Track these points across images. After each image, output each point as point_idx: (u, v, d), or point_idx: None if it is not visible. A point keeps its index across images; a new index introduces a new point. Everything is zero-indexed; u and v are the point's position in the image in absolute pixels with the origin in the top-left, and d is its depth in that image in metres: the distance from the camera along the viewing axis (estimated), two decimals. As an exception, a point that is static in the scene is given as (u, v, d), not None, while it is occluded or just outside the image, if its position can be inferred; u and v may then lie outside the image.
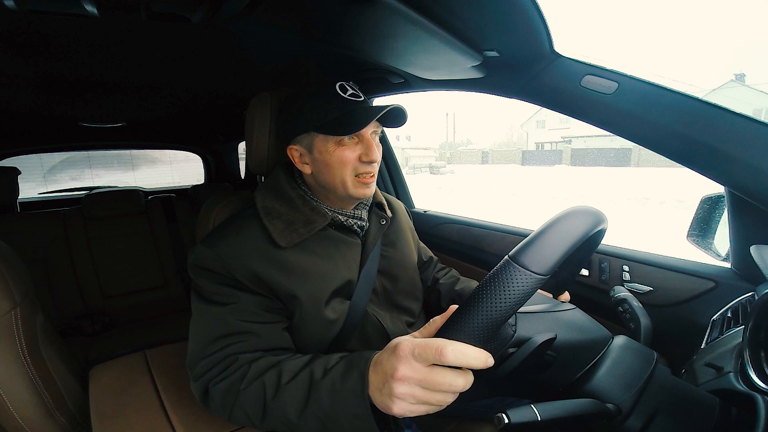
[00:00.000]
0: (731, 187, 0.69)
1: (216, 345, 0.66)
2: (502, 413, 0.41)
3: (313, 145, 0.72)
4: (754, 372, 0.46)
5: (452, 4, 0.62)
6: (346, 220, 0.78)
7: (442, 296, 1.00)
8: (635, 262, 0.93)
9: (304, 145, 0.73)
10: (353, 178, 0.72)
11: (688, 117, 0.67)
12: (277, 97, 0.83)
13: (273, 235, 0.70)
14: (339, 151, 0.70)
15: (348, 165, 0.71)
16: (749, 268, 0.76)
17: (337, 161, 0.70)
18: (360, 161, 0.71)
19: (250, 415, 0.60)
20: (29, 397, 0.80)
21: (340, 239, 0.78)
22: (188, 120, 1.92)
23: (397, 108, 0.70)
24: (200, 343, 0.67)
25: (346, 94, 0.70)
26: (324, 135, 0.70)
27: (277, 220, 0.72)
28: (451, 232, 1.45)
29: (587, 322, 0.55)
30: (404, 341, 0.46)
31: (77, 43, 0.82)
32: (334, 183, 0.72)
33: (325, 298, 0.73)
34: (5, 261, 0.80)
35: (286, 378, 0.58)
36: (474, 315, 0.41)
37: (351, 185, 0.72)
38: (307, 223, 0.73)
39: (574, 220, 0.46)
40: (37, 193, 2.41)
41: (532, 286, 0.40)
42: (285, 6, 0.62)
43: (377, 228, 0.84)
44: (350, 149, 0.71)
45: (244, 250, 0.69)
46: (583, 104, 0.77)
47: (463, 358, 0.41)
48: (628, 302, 0.67)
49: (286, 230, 0.71)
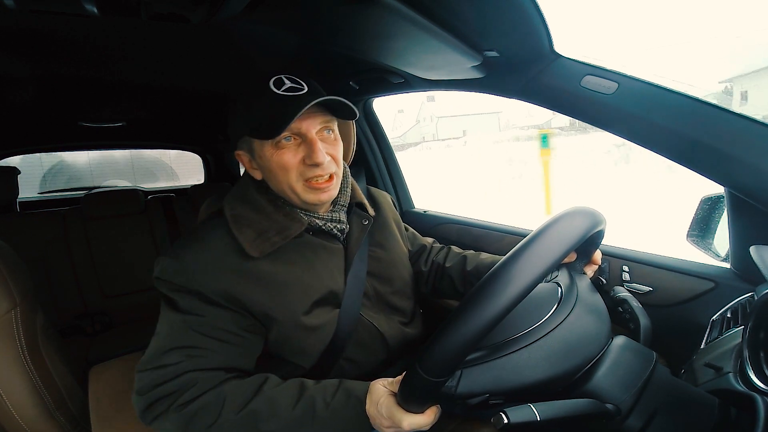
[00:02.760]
0: (731, 188, 0.69)
1: (169, 357, 0.60)
2: (502, 413, 0.41)
3: (253, 149, 0.66)
4: (754, 372, 0.46)
5: (452, 5, 0.62)
6: (324, 224, 0.72)
7: (456, 282, 0.94)
8: (635, 263, 0.93)
9: (247, 150, 0.68)
10: (302, 183, 0.65)
11: (688, 117, 0.67)
12: None
13: (243, 245, 0.64)
14: (277, 155, 0.63)
15: (291, 170, 0.64)
16: (749, 269, 0.76)
17: (278, 166, 0.64)
18: (304, 164, 0.64)
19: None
20: (29, 397, 0.80)
21: (320, 245, 0.72)
22: (188, 120, 1.92)
23: (336, 100, 0.63)
24: (154, 351, 0.61)
25: (280, 89, 0.62)
26: (259, 139, 0.64)
27: (247, 229, 0.65)
28: (450, 232, 1.45)
29: (542, 361, 0.50)
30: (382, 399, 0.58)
31: (77, 43, 0.82)
32: (283, 189, 0.67)
33: (303, 309, 0.68)
34: (5, 261, 0.80)
35: (282, 408, 0.59)
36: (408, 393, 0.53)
37: (301, 191, 0.66)
38: (281, 230, 0.67)
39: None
40: (37, 193, 2.41)
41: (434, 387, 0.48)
42: (285, 6, 0.62)
43: (360, 229, 0.78)
44: (291, 152, 0.63)
45: (213, 263, 0.63)
46: (583, 104, 0.77)
47: (416, 426, 0.55)
48: (628, 302, 0.67)
49: (257, 239, 0.65)
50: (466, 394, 0.50)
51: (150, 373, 0.60)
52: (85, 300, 1.80)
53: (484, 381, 0.50)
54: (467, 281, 0.93)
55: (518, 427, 0.41)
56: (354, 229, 0.78)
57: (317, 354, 0.72)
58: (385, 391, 0.59)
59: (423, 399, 0.53)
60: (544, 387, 0.49)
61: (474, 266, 0.93)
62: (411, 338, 0.85)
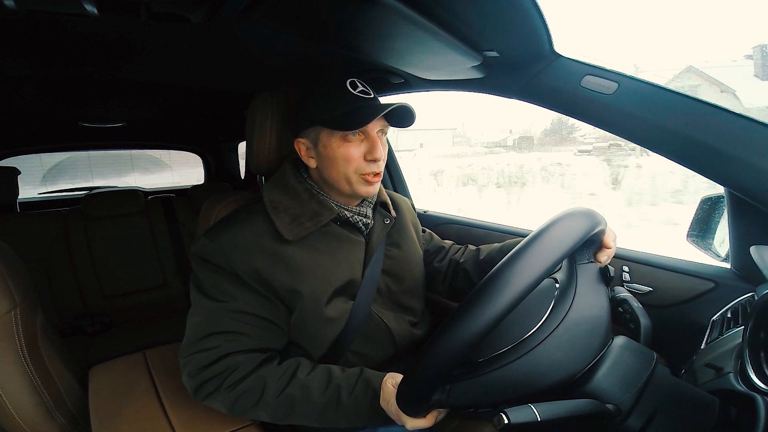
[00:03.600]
0: (731, 188, 0.69)
1: (209, 342, 0.68)
2: (502, 413, 0.41)
3: (319, 139, 0.72)
4: (754, 372, 0.46)
5: (452, 5, 0.62)
6: (352, 216, 0.78)
7: (471, 274, 0.96)
8: (635, 263, 0.93)
9: (311, 139, 0.74)
10: (357, 175, 0.72)
11: (688, 117, 0.67)
12: (277, 97, 0.83)
13: (279, 229, 0.70)
14: (344, 148, 0.70)
15: (352, 162, 0.71)
16: (749, 269, 0.75)
17: (342, 157, 0.71)
18: (364, 159, 0.71)
19: (272, 416, 0.68)
20: (29, 397, 0.80)
21: (344, 236, 0.78)
22: (188, 120, 1.92)
23: (404, 107, 0.71)
24: (194, 337, 0.69)
25: (355, 91, 0.71)
26: (330, 130, 0.70)
27: (283, 214, 0.72)
28: (450, 233, 1.45)
29: (532, 374, 0.49)
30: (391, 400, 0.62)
31: (77, 43, 0.82)
32: (337, 179, 0.73)
33: (326, 297, 0.73)
34: (5, 261, 0.80)
35: (314, 394, 0.67)
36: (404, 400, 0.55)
37: (355, 182, 0.72)
38: (312, 216, 0.73)
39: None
40: (37, 193, 2.41)
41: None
42: (285, 6, 0.62)
43: (381, 227, 0.83)
44: (355, 146, 0.71)
45: (248, 245, 0.69)
46: (583, 104, 0.77)
47: (418, 427, 0.61)
48: (628, 303, 0.67)
49: (292, 224, 0.71)
50: (457, 406, 0.52)
51: (194, 357, 0.68)
52: (85, 300, 1.79)
53: (473, 394, 0.52)
54: (482, 271, 0.94)
55: (519, 428, 0.41)
56: (376, 225, 0.83)
57: (328, 343, 0.75)
58: (392, 392, 0.63)
59: (417, 406, 0.54)
60: (534, 399, 0.48)
61: (487, 253, 0.94)
62: (418, 339, 0.88)
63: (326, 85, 0.72)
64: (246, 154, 0.88)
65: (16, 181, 1.89)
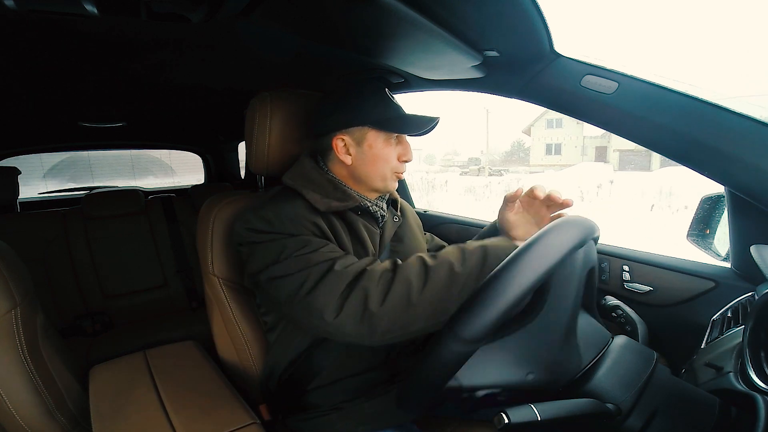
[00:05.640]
0: (731, 187, 0.69)
1: (324, 282, 0.64)
2: (502, 413, 0.41)
3: (365, 138, 0.78)
4: (754, 372, 0.46)
5: (452, 4, 0.62)
6: (372, 206, 0.83)
7: None
8: (635, 262, 0.93)
9: (354, 137, 0.78)
10: (392, 173, 0.80)
11: (688, 117, 0.67)
12: (277, 97, 0.83)
13: (313, 203, 0.75)
14: (388, 148, 0.78)
15: (390, 162, 0.79)
16: (749, 268, 0.76)
17: (384, 157, 0.78)
18: (399, 160, 0.80)
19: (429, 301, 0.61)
20: (29, 397, 0.80)
21: (364, 224, 0.82)
22: (188, 120, 1.92)
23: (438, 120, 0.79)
24: (299, 289, 0.64)
25: (393, 100, 0.79)
26: (376, 131, 0.77)
27: (313, 192, 0.77)
28: (450, 232, 1.45)
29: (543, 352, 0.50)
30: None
31: (77, 43, 0.82)
32: (374, 175, 0.79)
33: None
34: (5, 261, 0.80)
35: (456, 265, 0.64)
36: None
37: (389, 179, 0.80)
38: (340, 200, 0.78)
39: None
40: (37, 193, 2.41)
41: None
42: (285, 6, 0.62)
43: (392, 223, 0.88)
44: (392, 147, 0.79)
45: (294, 214, 0.73)
46: (583, 104, 0.77)
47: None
48: (620, 307, 0.68)
49: (323, 200, 0.76)
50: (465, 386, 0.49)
51: (325, 295, 0.63)
52: (85, 300, 1.79)
53: (478, 378, 0.50)
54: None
55: (519, 427, 0.41)
56: (388, 220, 0.88)
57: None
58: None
59: (427, 398, 0.50)
60: (534, 399, 0.48)
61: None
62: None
63: (370, 89, 0.79)
64: (246, 154, 0.88)
65: (17, 181, 1.89)
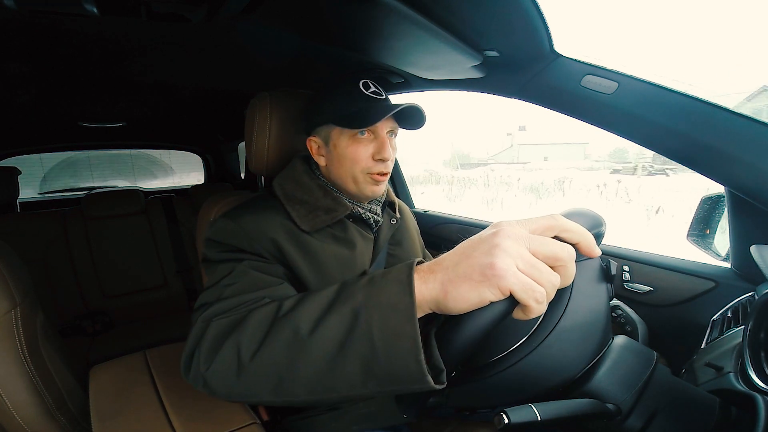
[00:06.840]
0: (731, 187, 0.69)
1: (229, 292, 0.58)
2: (502, 413, 0.41)
3: (330, 138, 0.73)
4: (754, 372, 0.46)
5: (452, 4, 0.62)
6: (364, 213, 0.79)
7: None
8: (635, 262, 0.93)
9: (322, 137, 0.75)
10: (364, 175, 0.73)
11: (688, 117, 0.67)
12: (277, 97, 0.83)
13: (296, 220, 0.70)
14: (353, 147, 0.71)
15: (360, 162, 0.71)
16: (749, 268, 0.76)
17: (350, 156, 0.71)
18: (373, 159, 0.72)
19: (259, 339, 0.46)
20: (29, 397, 0.80)
21: (357, 231, 0.78)
22: (188, 120, 1.92)
23: (415, 108, 0.71)
24: (213, 295, 0.58)
25: (367, 91, 0.72)
26: (340, 128, 0.71)
27: (299, 206, 0.72)
28: (450, 232, 1.45)
29: (534, 374, 0.48)
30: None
31: (77, 43, 0.82)
32: (345, 177, 0.74)
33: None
34: (5, 261, 0.80)
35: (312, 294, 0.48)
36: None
37: (362, 181, 0.73)
38: (328, 210, 0.73)
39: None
40: (37, 193, 2.41)
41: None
42: (285, 6, 0.62)
43: (388, 227, 0.85)
44: (364, 146, 0.71)
45: (269, 228, 0.68)
46: (583, 104, 0.77)
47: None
48: (620, 308, 0.68)
49: (308, 215, 0.71)
50: (458, 407, 0.51)
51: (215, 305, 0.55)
52: (85, 300, 1.79)
53: (473, 396, 0.51)
54: None
55: (519, 427, 0.41)
56: (384, 224, 0.84)
57: None
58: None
59: (416, 407, 0.49)
60: (534, 399, 0.47)
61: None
62: None
63: (340, 84, 0.73)
64: (245, 155, 0.88)
65: (17, 181, 1.89)
